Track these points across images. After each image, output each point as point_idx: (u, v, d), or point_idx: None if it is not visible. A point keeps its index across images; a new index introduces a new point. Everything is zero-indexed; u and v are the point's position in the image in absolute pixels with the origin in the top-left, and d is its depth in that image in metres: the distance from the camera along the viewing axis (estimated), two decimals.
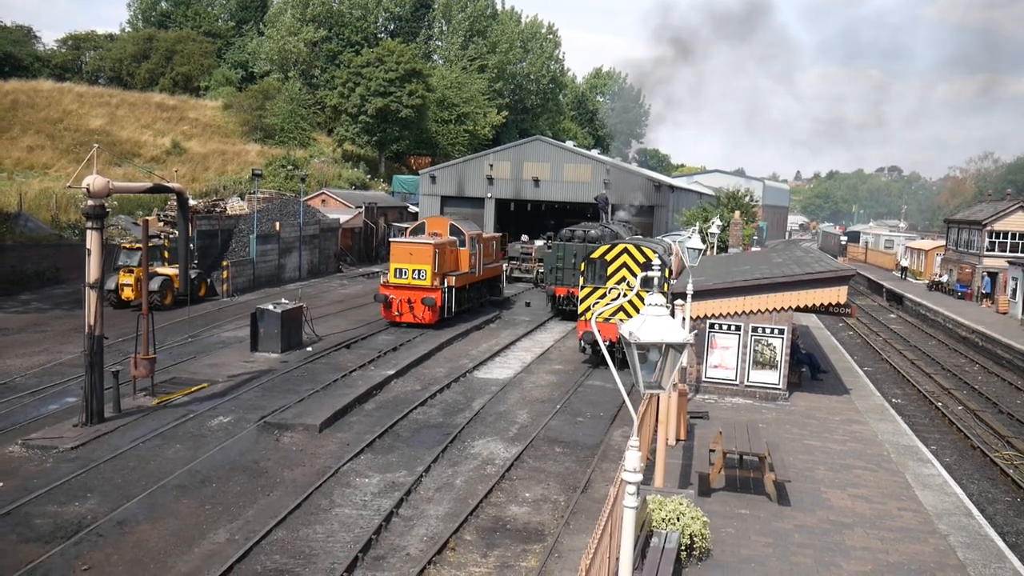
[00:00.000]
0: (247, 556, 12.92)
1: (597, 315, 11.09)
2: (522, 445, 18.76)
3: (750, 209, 61.53)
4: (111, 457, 16.75)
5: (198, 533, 13.76)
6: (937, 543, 13.55)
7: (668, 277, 27.72)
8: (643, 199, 54.23)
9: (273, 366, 24.61)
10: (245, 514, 14.55)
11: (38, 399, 20.73)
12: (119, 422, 18.75)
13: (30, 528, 13.63)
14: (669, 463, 15.73)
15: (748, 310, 21.99)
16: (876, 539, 13.55)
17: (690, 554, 12.35)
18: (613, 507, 10.03)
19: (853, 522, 14.20)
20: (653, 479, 14.73)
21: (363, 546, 13.34)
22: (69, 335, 27.53)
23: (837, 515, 14.47)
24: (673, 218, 60.06)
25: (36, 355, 25.03)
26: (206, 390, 21.71)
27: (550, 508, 15.49)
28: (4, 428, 18.38)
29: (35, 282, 36.27)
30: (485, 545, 13.83)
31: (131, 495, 14.97)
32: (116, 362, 21.87)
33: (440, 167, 60.93)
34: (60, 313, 31.61)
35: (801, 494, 15.30)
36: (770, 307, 21.86)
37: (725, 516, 14.22)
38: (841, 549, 13.14)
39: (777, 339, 22.10)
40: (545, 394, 23.77)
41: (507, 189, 58.54)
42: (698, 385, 22.62)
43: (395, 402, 22.06)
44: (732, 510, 14.57)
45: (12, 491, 14.97)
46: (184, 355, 25.71)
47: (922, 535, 13.83)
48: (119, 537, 13.45)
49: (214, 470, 16.44)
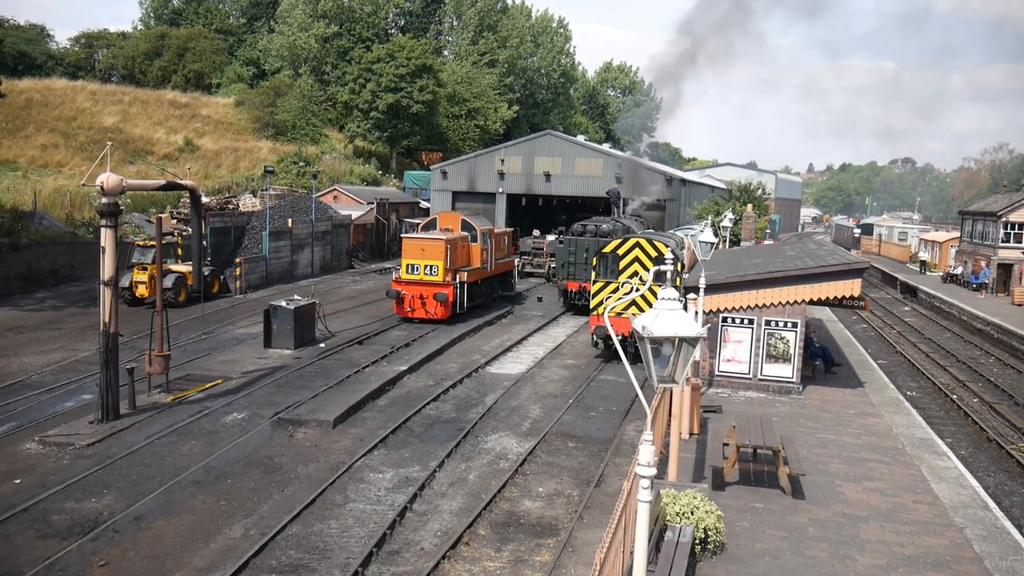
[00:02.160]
0: (262, 551, 12.99)
1: (609, 310, 11.07)
2: (535, 440, 18.78)
3: (762, 202, 61.31)
4: (127, 454, 16.87)
5: (213, 528, 13.84)
6: (953, 536, 13.48)
7: (680, 271, 27.64)
8: (655, 193, 54.10)
9: (286, 362, 24.72)
10: (260, 509, 14.63)
11: (54, 396, 20.89)
12: (134, 419, 18.88)
13: (48, 524, 13.76)
14: (683, 457, 15.70)
15: (761, 303, 21.92)
16: (892, 532, 13.49)
17: (704, 548, 12.34)
18: (627, 501, 10.03)
19: (868, 515, 14.14)
20: (667, 473, 14.71)
21: (377, 541, 13.39)
22: (84, 332, 27.72)
23: (852, 508, 14.42)
24: (685, 212, 59.90)
25: (52, 352, 25.23)
26: (220, 386, 21.83)
27: (563, 502, 15.50)
28: (21, 425, 18.55)
29: (50, 280, 36.55)
30: (499, 540, 13.86)
31: (147, 491, 15.08)
32: (131, 359, 22.02)
33: (451, 163, 60.94)
34: (75, 310, 31.84)
35: (816, 488, 15.24)
36: (783, 300, 21.78)
37: (739, 509, 14.19)
38: (856, 543, 13.09)
39: (790, 333, 22.01)
40: (558, 389, 23.78)
41: (518, 184, 58.50)
42: (711, 379, 22.56)
43: (408, 398, 22.12)
44: (746, 503, 14.54)
45: (30, 488, 15.11)
46: (198, 352, 25.85)
47: (938, 528, 13.76)
48: (135, 533, 13.56)
49: (228, 466, 16.54)
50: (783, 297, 21.77)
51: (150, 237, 34.95)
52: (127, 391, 19.45)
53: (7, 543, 13.09)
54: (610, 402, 22.47)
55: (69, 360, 24.33)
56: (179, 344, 26.02)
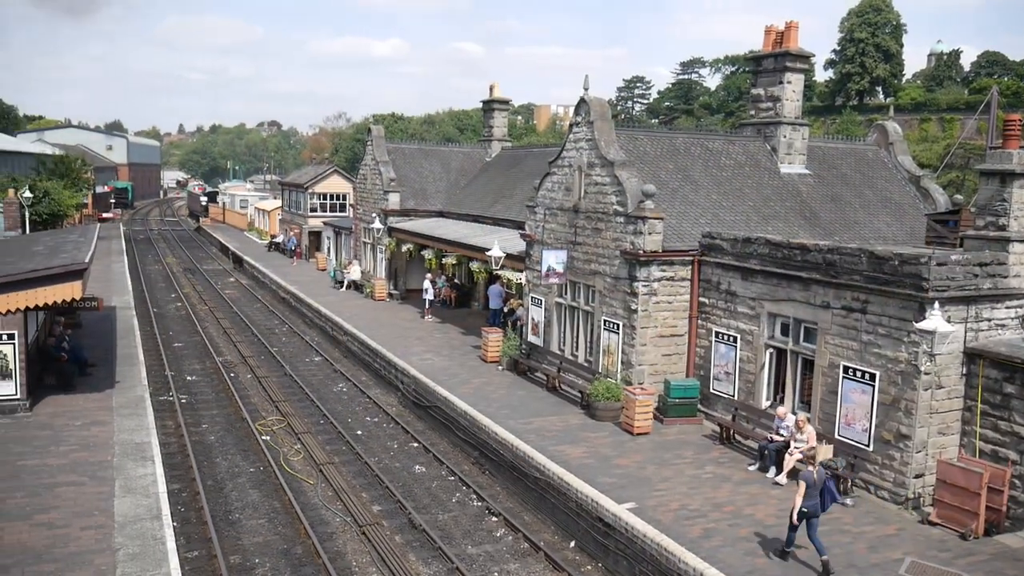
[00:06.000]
0: None
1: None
2: None
3: (80, 173, 56.69)
4: None
5: None
6: (102, 563, 13.05)
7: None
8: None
9: None
10: None
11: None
12: None
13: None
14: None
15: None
16: (36, 574, 12.49)
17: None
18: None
19: (11, 563, 12.86)
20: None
21: None
22: None
23: (1, 559, 13.06)
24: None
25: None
26: None
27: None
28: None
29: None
30: None
31: None
32: None
33: None
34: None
35: None
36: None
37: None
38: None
39: (7, 345, 19.85)
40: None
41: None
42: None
43: None
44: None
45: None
46: None
47: (89, 556, 13.19)
48: None
49: None
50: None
51: None
52: None
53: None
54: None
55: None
56: None
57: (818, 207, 24.74)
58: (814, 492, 13.44)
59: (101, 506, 15.09)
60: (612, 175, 21.98)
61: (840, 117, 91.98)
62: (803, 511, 13.36)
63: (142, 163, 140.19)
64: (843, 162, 26.98)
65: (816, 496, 13.46)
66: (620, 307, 21.75)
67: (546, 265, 23.76)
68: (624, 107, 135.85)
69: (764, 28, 25.72)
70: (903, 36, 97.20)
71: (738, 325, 20.18)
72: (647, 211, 20.81)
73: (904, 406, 15.85)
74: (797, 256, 18.36)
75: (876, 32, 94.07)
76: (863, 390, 16.58)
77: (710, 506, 15.74)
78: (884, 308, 16.26)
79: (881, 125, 28.93)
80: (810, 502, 13.39)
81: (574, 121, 24.12)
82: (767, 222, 23.28)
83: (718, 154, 25.24)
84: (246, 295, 46.95)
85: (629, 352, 21.48)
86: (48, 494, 15.48)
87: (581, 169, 23.32)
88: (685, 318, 21.62)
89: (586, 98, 23.26)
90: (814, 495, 13.44)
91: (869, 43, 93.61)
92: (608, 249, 22.19)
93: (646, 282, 21.06)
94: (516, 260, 27.16)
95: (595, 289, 22.94)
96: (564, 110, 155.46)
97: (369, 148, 42.12)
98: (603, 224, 22.40)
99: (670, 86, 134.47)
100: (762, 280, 19.39)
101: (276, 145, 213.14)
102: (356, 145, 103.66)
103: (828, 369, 17.59)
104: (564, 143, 24.67)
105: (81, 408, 20.83)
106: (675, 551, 13.75)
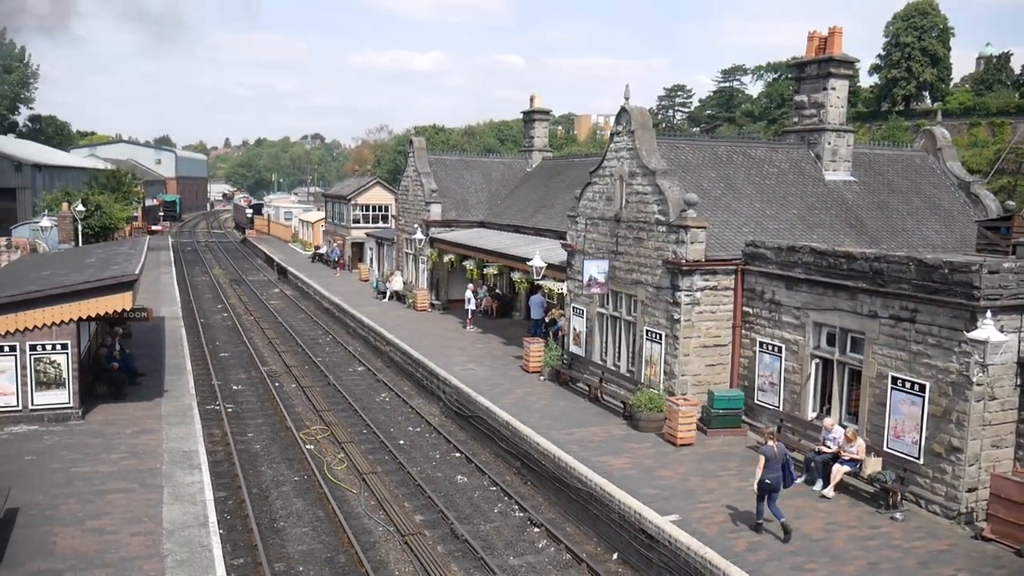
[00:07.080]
0: None
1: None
2: None
3: (130, 187, 58.05)
4: None
5: None
6: (151, 569, 13.31)
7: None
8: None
9: None
10: None
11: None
12: None
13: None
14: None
15: (24, 327, 19.84)
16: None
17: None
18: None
19: (66, 567, 13.17)
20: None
21: None
22: None
23: (54, 562, 13.35)
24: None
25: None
26: None
27: None
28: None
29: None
30: None
31: None
32: None
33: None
34: None
35: (21, 544, 13.86)
36: (50, 321, 19.99)
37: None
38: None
39: (61, 355, 20.34)
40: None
41: None
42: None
43: None
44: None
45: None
46: None
47: (139, 562, 13.45)
48: None
49: None
50: (50, 318, 19.97)
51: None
52: None
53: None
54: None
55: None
56: None
57: (864, 215, 24.34)
58: (775, 465, 14.58)
59: (150, 513, 15.38)
60: (653, 184, 21.88)
61: (886, 123, 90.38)
62: (765, 482, 14.50)
63: (190, 176, 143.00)
64: (890, 169, 26.54)
65: (778, 469, 14.63)
66: (662, 317, 21.60)
67: (587, 275, 23.71)
68: (665, 116, 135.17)
69: (807, 34, 25.48)
70: (950, 39, 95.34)
71: (783, 335, 19.92)
72: (689, 220, 20.67)
73: (956, 418, 15.49)
74: (843, 265, 18.09)
75: (923, 36, 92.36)
76: (913, 401, 16.24)
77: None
78: (934, 317, 15.93)
79: (929, 130, 28.42)
80: (772, 475, 14.53)
81: (615, 131, 24.07)
82: (812, 230, 22.97)
83: (761, 162, 24.99)
84: (290, 306, 47.54)
85: (672, 362, 21.31)
86: (99, 500, 15.83)
87: (622, 178, 23.26)
88: (728, 328, 21.39)
89: (627, 107, 23.21)
90: (775, 467, 14.58)
91: (915, 47, 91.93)
92: (650, 259, 22.08)
93: (688, 292, 20.90)
94: (557, 270, 27.16)
95: (637, 299, 22.81)
96: (604, 120, 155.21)
97: (411, 160, 42.50)
98: (645, 233, 22.29)
99: (711, 94, 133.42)
100: (807, 289, 19.13)
101: (319, 158, 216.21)
102: (398, 157, 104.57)
103: (876, 380, 17.27)
104: (605, 153, 24.62)
105: (131, 416, 21.27)
106: (720, 564, 13.59)
